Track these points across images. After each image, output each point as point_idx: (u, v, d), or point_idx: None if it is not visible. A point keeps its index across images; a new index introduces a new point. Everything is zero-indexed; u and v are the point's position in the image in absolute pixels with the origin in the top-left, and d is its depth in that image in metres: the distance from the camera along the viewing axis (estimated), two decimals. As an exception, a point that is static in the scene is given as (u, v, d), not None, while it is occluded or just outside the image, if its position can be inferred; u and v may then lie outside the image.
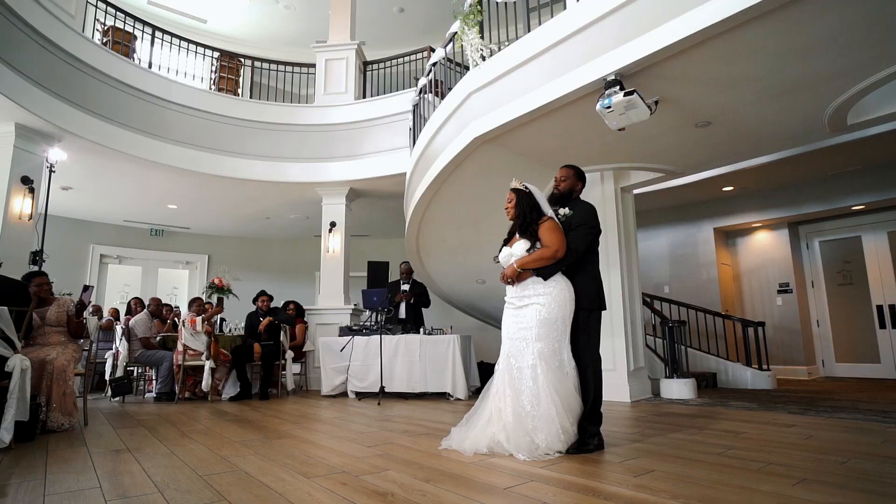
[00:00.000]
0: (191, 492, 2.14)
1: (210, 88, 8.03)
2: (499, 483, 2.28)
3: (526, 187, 3.12)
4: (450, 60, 5.41)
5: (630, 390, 5.17)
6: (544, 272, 2.92)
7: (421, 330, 6.17)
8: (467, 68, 6.35)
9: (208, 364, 5.55)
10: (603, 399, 3.04)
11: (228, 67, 8.21)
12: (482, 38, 4.28)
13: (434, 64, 5.24)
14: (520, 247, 2.99)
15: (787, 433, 3.43)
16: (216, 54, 8.04)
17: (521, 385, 2.93)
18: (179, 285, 10.71)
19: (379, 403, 5.28)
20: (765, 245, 8.05)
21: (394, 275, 7.75)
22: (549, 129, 4.17)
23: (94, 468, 2.56)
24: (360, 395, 5.89)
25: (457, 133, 4.55)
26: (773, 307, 7.73)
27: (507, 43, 4.09)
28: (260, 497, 2.06)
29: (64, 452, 2.99)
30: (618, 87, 3.26)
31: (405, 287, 6.90)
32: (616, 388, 5.06)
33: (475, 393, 5.92)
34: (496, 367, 3.15)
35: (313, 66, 7.95)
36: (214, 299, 6.48)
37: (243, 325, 6.78)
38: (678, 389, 5.43)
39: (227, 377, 5.97)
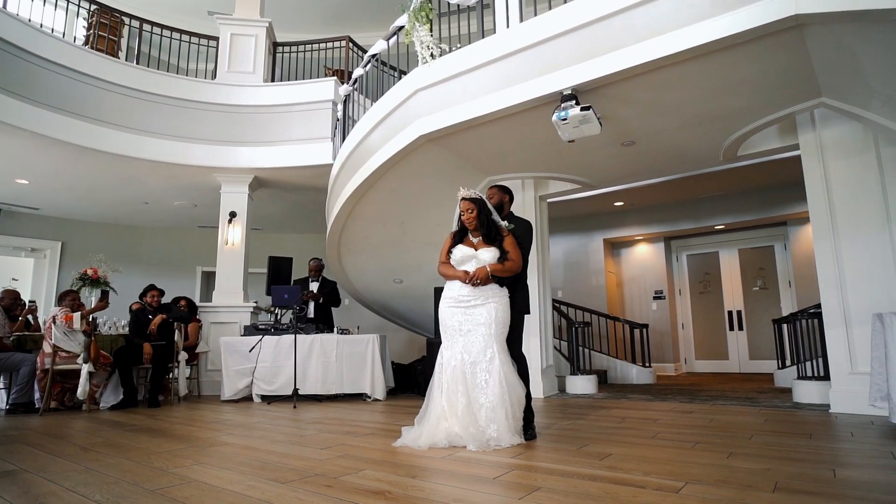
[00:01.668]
0: (158, 507, 1.84)
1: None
2: (484, 474, 2.30)
3: (479, 196, 3.22)
4: (380, 61, 5.34)
5: (543, 387, 5.51)
6: (503, 280, 3.16)
7: (336, 329, 5.95)
8: (394, 68, 6.35)
9: (86, 368, 4.75)
10: None
11: (109, 27, 7.14)
12: (432, 34, 4.27)
13: (374, 56, 5.09)
14: (488, 254, 3.14)
15: (693, 418, 3.92)
16: (93, 7, 6.94)
17: (474, 379, 3.02)
18: (22, 276, 8.98)
19: (294, 406, 4.98)
20: (644, 256, 9.10)
21: (298, 271, 7.36)
22: (494, 134, 4.29)
23: (-2, 492, 2.08)
24: (268, 399, 5.49)
25: (400, 129, 4.48)
26: (650, 312, 8.76)
27: (458, 45, 4.15)
28: (248, 506, 1.85)
29: (-67, 476, 2.37)
30: (573, 102, 3.48)
31: (314, 285, 6.60)
32: (530, 384, 5.34)
33: (390, 393, 5.86)
34: (442, 364, 3.16)
35: (209, 38, 7.25)
36: (88, 293, 5.60)
37: (125, 322, 5.96)
38: (582, 385, 5.90)
39: (107, 383, 5.17)
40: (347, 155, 5.20)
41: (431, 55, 4.21)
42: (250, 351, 5.45)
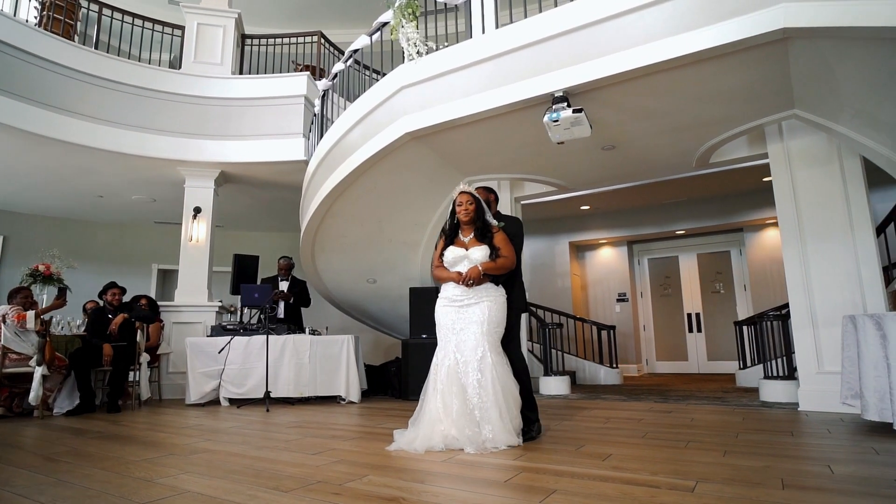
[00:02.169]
0: (159, 522, 1.70)
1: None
2: (493, 477, 2.27)
3: (477, 195, 3.21)
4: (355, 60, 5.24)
5: (520, 387, 5.52)
6: (497, 278, 3.14)
7: (307, 330, 5.78)
8: (375, 71, 6.23)
9: (40, 371, 4.40)
10: None
11: (65, 9, 6.68)
12: (418, 31, 4.21)
13: (355, 51, 4.97)
14: (479, 252, 3.11)
15: (674, 417, 4.02)
16: (46, -11, 6.48)
17: (466, 378, 2.99)
18: (-46, 273, 8.28)
19: (267, 410, 4.79)
20: (608, 259, 9.34)
21: (263, 270, 7.12)
22: (479, 134, 4.27)
23: (-34, 509, 1.87)
24: (237, 403, 5.26)
25: (384, 126, 4.39)
26: (613, 314, 8.99)
27: (446, 43, 4.11)
28: (260, 518, 1.74)
29: None
30: (565, 104, 3.51)
31: (284, 284, 6.39)
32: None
33: (363, 395, 5.72)
34: (437, 364, 3.12)
35: (174, 26, 6.91)
36: (39, 291, 5.21)
37: (80, 322, 5.58)
38: (556, 386, 5.97)
39: (62, 387, 4.80)
40: (326, 151, 5.06)
41: (418, 52, 4.15)
42: (220, 352, 5.20)
